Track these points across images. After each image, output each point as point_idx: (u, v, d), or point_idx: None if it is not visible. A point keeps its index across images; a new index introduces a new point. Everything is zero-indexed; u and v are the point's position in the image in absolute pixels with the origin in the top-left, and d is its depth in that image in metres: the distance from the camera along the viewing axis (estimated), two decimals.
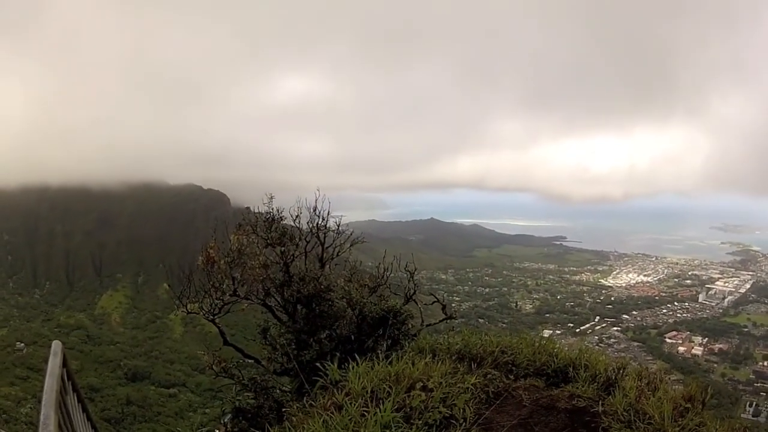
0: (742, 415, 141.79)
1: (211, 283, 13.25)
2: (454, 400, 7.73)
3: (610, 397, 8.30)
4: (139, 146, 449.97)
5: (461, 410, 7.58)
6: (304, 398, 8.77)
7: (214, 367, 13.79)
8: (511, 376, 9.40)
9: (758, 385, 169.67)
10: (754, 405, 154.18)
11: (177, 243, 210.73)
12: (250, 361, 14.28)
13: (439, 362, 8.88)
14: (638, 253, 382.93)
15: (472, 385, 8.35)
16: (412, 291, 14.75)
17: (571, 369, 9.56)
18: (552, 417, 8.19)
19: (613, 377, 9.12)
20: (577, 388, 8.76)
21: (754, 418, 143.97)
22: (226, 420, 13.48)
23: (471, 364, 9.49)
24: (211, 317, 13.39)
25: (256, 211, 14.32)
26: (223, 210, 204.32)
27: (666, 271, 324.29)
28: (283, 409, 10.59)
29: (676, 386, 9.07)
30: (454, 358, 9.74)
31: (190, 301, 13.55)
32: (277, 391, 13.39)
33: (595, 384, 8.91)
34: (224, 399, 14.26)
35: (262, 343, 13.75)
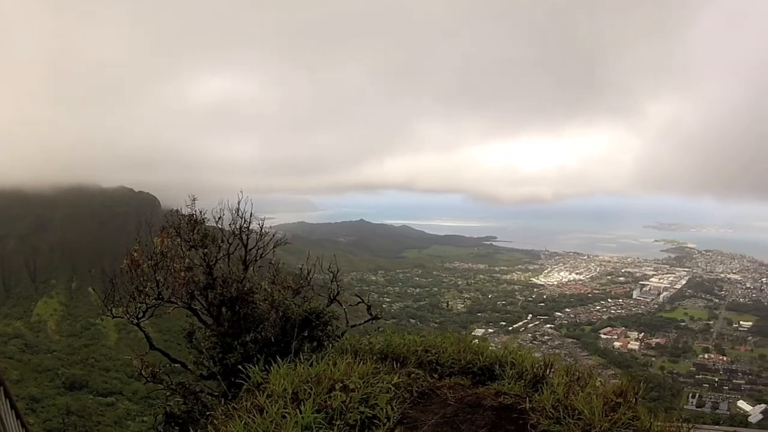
0: (685, 407, 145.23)
1: (134, 286, 12.94)
2: (375, 400, 7.66)
3: (537, 393, 8.24)
4: (70, 148, 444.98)
5: (384, 410, 7.50)
6: (228, 401, 8.60)
7: (143, 372, 13.50)
8: (436, 375, 9.43)
9: (700, 377, 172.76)
10: (697, 396, 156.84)
11: (109, 247, 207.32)
12: (177, 365, 14.05)
13: (361, 362, 8.79)
14: (570, 252, 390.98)
15: (394, 384, 8.28)
16: (335, 292, 14.59)
17: (497, 367, 9.55)
18: (478, 414, 8.10)
19: (541, 374, 9.10)
20: (504, 385, 8.73)
21: (698, 409, 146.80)
22: (161, 427, 13.25)
23: (394, 363, 9.42)
24: (136, 321, 13.11)
25: (179, 213, 14.08)
26: (153, 213, 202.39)
27: (598, 269, 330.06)
28: (208, 413, 10.41)
29: (614, 381, 9.03)
30: (375, 358, 9.67)
31: (115, 305, 13.23)
32: (206, 395, 13.17)
33: (522, 381, 8.89)
34: (156, 405, 14.03)
35: (188, 347, 13.51)
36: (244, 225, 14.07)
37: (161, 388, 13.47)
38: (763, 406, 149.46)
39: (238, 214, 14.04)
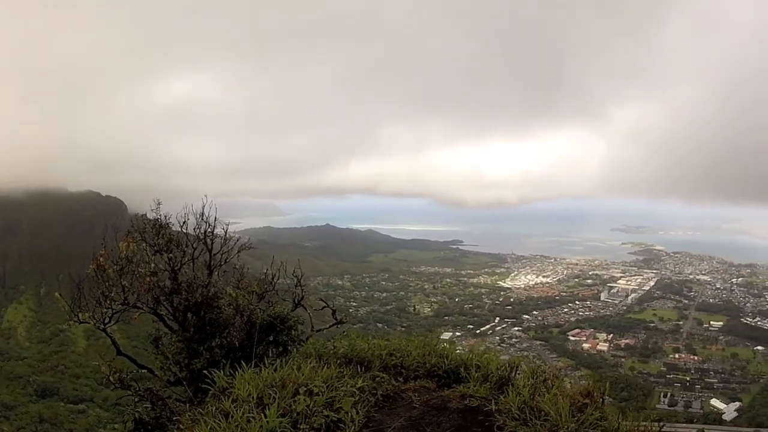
0: (657, 406, 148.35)
1: (100, 291, 12.86)
2: (340, 404, 7.68)
3: (503, 396, 8.25)
4: (38, 150, 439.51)
5: (348, 413, 7.51)
6: (195, 406, 8.58)
7: (110, 378, 13.41)
8: (401, 379, 9.45)
9: (671, 376, 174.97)
10: (669, 395, 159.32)
11: (77, 252, 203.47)
12: (144, 371, 13.97)
13: (325, 366, 8.81)
14: (536, 255, 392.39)
15: (359, 388, 8.30)
16: (299, 296, 14.60)
17: (462, 369, 9.60)
18: (444, 417, 8.13)
19: (507, 376, 9.15)
20: (469, 388, 8.76)
21: (671, 408, 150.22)
22: None
23: (358, 367, 9.47)
24: (102, 326, 13.03)
25: (145, 217, 13.99)
26: (121, 217, 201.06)
27: (565, 271, 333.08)
28: (174, 418, 10.37)
29: (582, 382, 9.06)
30: (340, 362, 9.68)
31: (81, 310, 13.15)
32: (174, 401, 13.10)
33: (488, 383, 8.93)
34: (126, 412, 13.93)
35: (154, 353, 13.44)
36: (209, 229, 14.09)
37: (129, 394, 13.38)
38: (737, 404, 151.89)
39: (202, 219, 14.03)
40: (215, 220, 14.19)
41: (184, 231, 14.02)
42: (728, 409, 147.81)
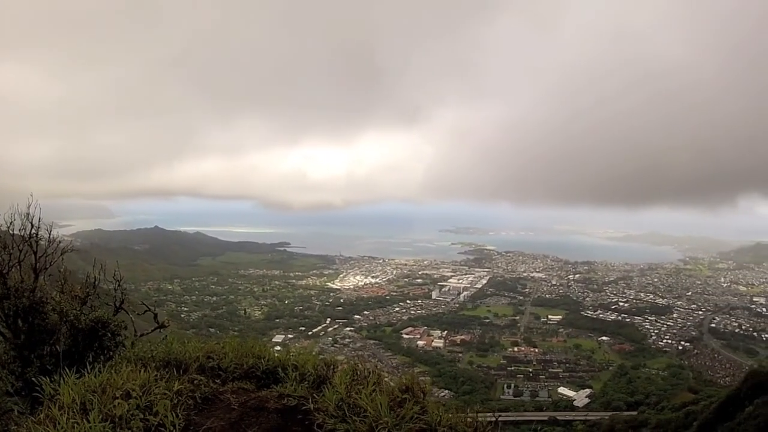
0: (501, 397, 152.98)
1: None
2: (158, 407, 7.81)
3: (320, 394, 8.48)
4: None
5: (167, 417, 7.64)
6: (30, 416, 8.52)
7: None
8: (218, 381, 9.59)
9: (512, 368, 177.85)
10: (513, 386, 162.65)
11: None
12: None
13: (143, 370, 8.90)
14: (364, 257, 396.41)
15: (177, 391, 8.45)
16: (119, 300, 14.47)
17: (280, 370, 9.83)
18: (263, 417, 8.34)
19: (324, 375, 9.45)
20: (287, 387, 9.00)
21: (517, 398, 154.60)
22: None
23: (175, 370, 9.60)
24: None
25: None
26: None
27: (395, 272, 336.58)
28: (12, 428, 10.21)
29: (424, 378, 9.19)
30: (156, 365, 9.77)
31: None
32: (16, 412, 12.81)
33: (306, 383, 9.19)
34: None
35: None
36: (33, 231, 13.87)
37: None
38: (588, 390, 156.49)
39: (27, 220, 13.84)
40: (40, 221, 14.02)
41: (11, 232, 13.70)
42: (579, 396, 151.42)
